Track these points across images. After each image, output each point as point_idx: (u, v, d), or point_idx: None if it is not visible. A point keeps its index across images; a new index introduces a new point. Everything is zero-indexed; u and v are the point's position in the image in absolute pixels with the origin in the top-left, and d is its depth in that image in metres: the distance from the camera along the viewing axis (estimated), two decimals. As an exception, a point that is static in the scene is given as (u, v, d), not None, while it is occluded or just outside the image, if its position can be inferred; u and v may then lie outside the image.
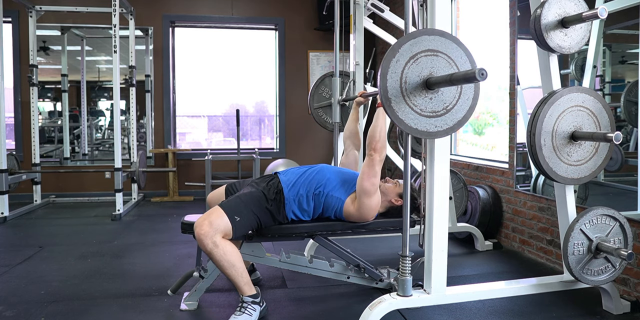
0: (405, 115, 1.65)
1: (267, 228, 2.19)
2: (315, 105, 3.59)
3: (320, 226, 2.25)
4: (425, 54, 1.66)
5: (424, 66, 1.66)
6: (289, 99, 5.92)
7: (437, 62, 1.68)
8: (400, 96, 1.64)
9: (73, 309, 2.23)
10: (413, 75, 1.65)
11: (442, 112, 1.70)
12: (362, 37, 3.46)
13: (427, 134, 1.70)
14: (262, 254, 2.27)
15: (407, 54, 1.64)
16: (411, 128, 1.67)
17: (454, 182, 3.26)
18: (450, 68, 1.70)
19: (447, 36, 1.69)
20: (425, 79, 1.66)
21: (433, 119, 1.69)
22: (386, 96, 1.62)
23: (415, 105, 1.66)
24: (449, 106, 1.71)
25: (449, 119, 1.72)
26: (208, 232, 1.98)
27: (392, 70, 1.63)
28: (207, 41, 6.00)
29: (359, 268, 2.35)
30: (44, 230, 3.93)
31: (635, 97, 2.39)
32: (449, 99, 1.71)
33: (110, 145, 6.85)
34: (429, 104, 1.68)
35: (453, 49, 1.70)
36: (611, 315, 2.15)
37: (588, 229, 2.01)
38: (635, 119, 2.41)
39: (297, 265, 2.29)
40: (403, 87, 1.64)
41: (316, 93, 3.61)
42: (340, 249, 2.33)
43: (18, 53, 5.32)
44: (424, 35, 1.66)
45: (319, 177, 2.25)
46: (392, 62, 1.63)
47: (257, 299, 2.09)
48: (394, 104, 1.63)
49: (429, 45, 1.66)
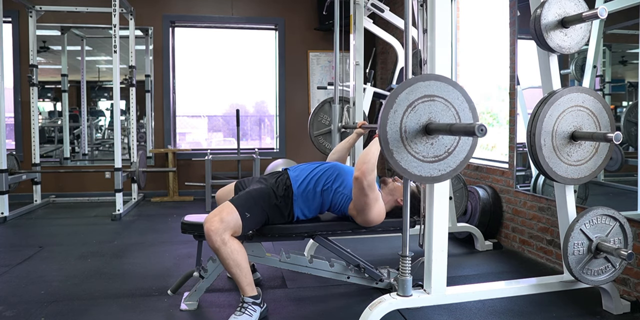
0: (408, 164, 1.64)
1: (269, 227, 2.19)
2: (315, 133, 3.58)
3: (320, 226, 2.26)
4: (422, 100, 1.64)
5: (422, 112, 1.64)
6: (289, 99, 5.91)
7: (435, 107, 1.66)
8: (401, 146, 1.62)
9: (73, 309, 2.23)
10: (412, 123, 1.63)
11: (444, 156, 1.69)
12: (362, 37, 3.46)
13: (432, 179, 1.69)
14: (262, 254, 2.26)
15: (404, 103, 1.62)
16: (415, 175, 1.65)
17: (454, 182, 3.26)
18: (449, 111, 1.68)
19: (442, 79, 1.67)
20: (425, 125, 1.64)
21: (436, 164, 1.68)
22: (387, 148, 1.61)
23: (417, 152, 1.65)
24: (451, 149, 1.69)
25: (452, 161, 1.70)
26: (218, 229, 1.98)
27: (390, 121, 1.61)
28: (207, 41, 6.00)
29: (359, 268, 2.35)
30: (44, 230, 3.93)
31: (635, 117, 2.39)
32: (449, 141, 1.69)
33: (110, 145, 6.85)
34: (431, 150, 1.67)
35: (449, 91, 1.68)
36: (611, 315, 2.15)
37: (588, 229, 2.01)
38: (635, 139, 2.41)
39: (297, 265, 2.29)
40: (403, 136, 1.62)
41: (315, 120, 3.60)
42: (341, 249, 2.33)
43: (18, 53, 5.32)
44: (419, 82, 1.64)
45: (328, 174, 2.25)
46: (390, 113, 1.61)
47: (258, 300, 2.09)
48: (396, 154, 1.62)
49: (425, 91, 1.64)
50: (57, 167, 5.59)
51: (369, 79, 5.43)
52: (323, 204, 2.24)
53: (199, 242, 2.31)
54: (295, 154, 5.88)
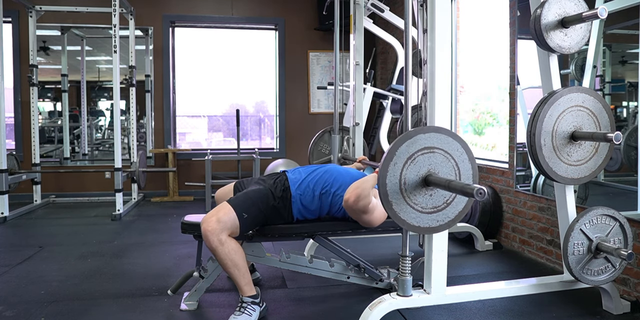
0: (407, 215, 1.64)
1: (269, 227, 2.19)
2: (314, 162, 3.59)
3: (320, 226, 2.26)
4: (422, 153, 1.64)
5: (422, 164, 1.64)
6: (289, 99, 5.91)
7: (435, 159, 1.66)
8: (400, 197, 1.62)
9: (73, 309, 2.23)
10: (412, 175, 1.63)
11: (443, 206, 1.69)
12: (362, 37, 3.46)
13: (430, 230, 1.69)
14: (262, 254, 2.26)
15: (404, 155, 1.62)
16: (413, 226, 1.65)
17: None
18: (448, 162, 1.68)
19: (442, 131, 1.67)
20: (424, 177, 1.64)
21: (434, 215, 1.68)
22: (387, 200, 1.61)
23: (416, 204, 1.65)
24: (449, 199, 1.69)
25: (450, 211, 1.70)
26: (215, 229, 1.98)
27: (390, 173, 1.61)
28: (207, 41, 6.00)
29: (359, 268, 2.35)
30: (44, 230, 3.93)
31: (635, 142, 2.38)
32: (448, 193, 1.69)
33: (110, 145, 6.85)
34: (430, 201, 1.67)
35: (449, 142, 1.68)
36: (611, 315, 2.15)
37: (588, 229, 2.01)
38: (635, 163, 2.39)
39: (297, 265, 2.29)
40: (403, 188, 1.62)
41: (315, 149, 3.61)
42: (341, 249, 2.33)
43: (18, 53, 5.32)
44: (419, 135, 1.64)
45: (326, 177, 2.25)
46: (390, 165, 1.61)
47: (257, 299, 2.09)
48: (395, 206, 1.62)
49: (424, 143, 1.64)
50: (57, 167, 5.59)
51: (369, 79, 5.43)
52: (322, 207, 2.24)
53: (198, 242, 2.31)
54: (295, 154, 5.88)
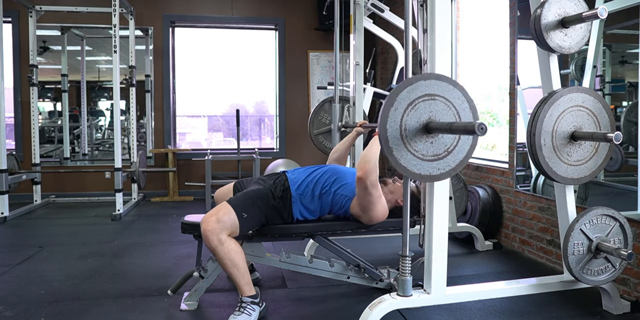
0: (407, 162, 1.64)
1: (269, 227, 2.19)
2: (315, 131, 3.59)
3: (320, 226, 2.26)
4: (423, 99, 1.64)
5: (423, 111, 1.64)
6: (289, 99, 5.91)
7: (436, 106, 1.66)
8: (401, 144, 1.63)
9: (73, 309, 2.23)
10: (412, 122, 1.64)
11: (444, 155, 1.69)
12: (362, 37, 3.46)
13: (431, 178, 1.69)
14: (262, 254, 2.26)
15: (405, 101, 1.62)
16: (415, 174, 1.66)
17: (454, 182, 3.26)
18: (449, 110, 1.68)
19: (443, 79, 1.67)
20: (425, 124, 1.65)
21: (435, 162, 1.68)
22: (387, 145, 1.61)
23: (416, 150, 1.65)
24: (450, 148, 1.70)
25: (451, 160, 1.70)
26: (214, 229, 1.98)
27: (391, 119, 1.61)
28: (207, 41, 5.99)
29: (359, 268, 2.35)
30: (44, 230, 3.93)
31: (635, 117, 2.39)
32: (449, 140, 1.69)
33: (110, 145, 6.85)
34: (430, 148, 1.67)
35: (450, 90, 1.68)
36: (611, 315, 2.15)
37: (588, 229, 2.01)
38: (635, 139, 2.40)
39: (297, 265, 2.29)
40: (403, 134, 1.62)
41: (315, 119, 3.61)
42: (341, 249, 2.33)
43: (18, 53, 5.32)
44: (420, 81, 1.64)
45: (326, 177, 2.25)
46: (391, 110, 1.61)
47: (257, 299, 2.09)
48: (396, 152, 1.62)
49: (425, 90, 1.64)
50: (57, 167, 5.59)
51: (369, 79, 5.43)
52: (323, 207, 2.24)
53: (198, 242, 2.31)
54: (295, 154, 5.88)
